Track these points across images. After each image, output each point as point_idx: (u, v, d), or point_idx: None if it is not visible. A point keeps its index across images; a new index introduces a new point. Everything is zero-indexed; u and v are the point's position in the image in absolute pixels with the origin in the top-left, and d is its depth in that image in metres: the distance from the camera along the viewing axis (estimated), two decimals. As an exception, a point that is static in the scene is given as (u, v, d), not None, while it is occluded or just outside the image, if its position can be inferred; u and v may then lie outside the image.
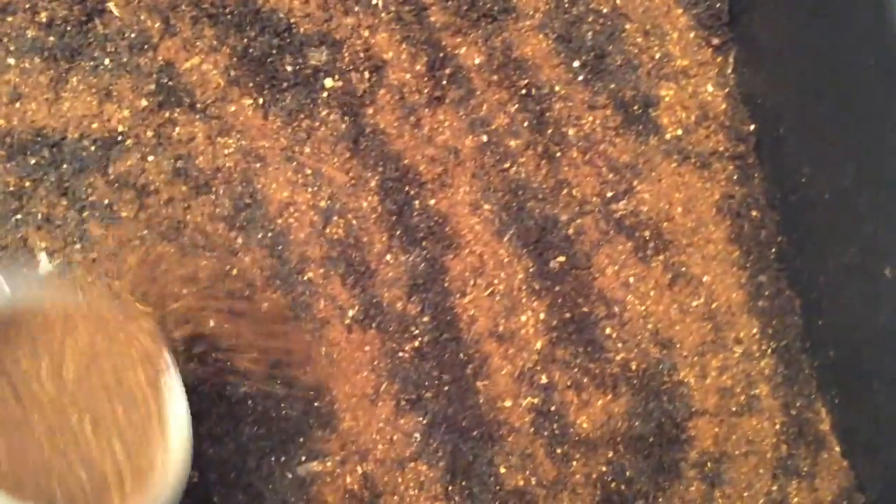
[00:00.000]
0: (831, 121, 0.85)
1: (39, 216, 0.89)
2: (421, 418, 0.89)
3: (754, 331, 0.94)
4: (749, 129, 0.97)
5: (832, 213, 0.86)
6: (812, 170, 0.88)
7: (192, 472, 0.85)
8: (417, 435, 0.89)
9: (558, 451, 0.90)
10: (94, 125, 0.91)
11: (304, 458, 0.87)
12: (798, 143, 0.91)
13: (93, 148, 0.90)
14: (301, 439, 0.88)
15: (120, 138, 0.91)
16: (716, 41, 0.98)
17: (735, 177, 0.96)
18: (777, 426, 0.92)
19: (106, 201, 0.90)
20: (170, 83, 0.92)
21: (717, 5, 0.98)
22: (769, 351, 0.94)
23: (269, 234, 0.91)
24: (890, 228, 0.78)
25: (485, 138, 0.96)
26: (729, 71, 0.98)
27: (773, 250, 0.95)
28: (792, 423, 0.93)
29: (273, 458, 0.87)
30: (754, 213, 0.96)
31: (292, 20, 0.95)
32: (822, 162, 0.87)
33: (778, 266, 0.95)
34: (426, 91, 0.96)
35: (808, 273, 0.92)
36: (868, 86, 0.79)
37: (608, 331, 0.93)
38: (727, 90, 0.98)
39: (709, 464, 0.91)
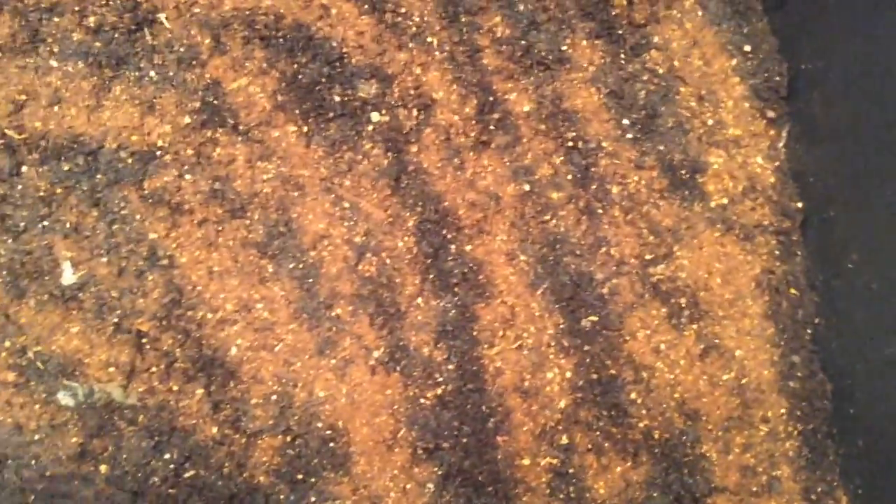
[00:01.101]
0: (887, 209, 0.83)
1: (68, 224, 0.86)
2: (436, 469, 0.87)
3: (782, 411, 0.92)
4: (797, 206, 0.95)
5: (878, 303, 0.85)
6: (861, 256, 0.86)
7: (201, 506, 0.83)
8: (431, 486, 0.87)
9: (573, 515, 0.88)
10: (134, 137, 0.89)
11: (313, 500, 0.85)
12: (848, 228, 0.89)
13: (130, 160, 0.88)
14: (312, 479, 0.85)
15: (159, 153, 0.89)
16: (771, 114, 0.96)
17: (777, 252, 0.95)
18: (797, 511, 0.91)
19: (138, 216, 0.87)
20: (215, 102, 0.90)
21: (777, 78, 0.96)
22: (795, 433, 0.92)
23: (301, 266, 0.89)
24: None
25: (527, 187, 0.94)
26: (781, 145, 0.97)
27: (809, 331, 0.94)
28: (812, 509, 0.91)
29: (282, 497, 0.85)
30: (793, 291, 0.94)
31: (345, 50, 0.93)
32: (874, 250, 0.85)
33: (812, 348, 0.93)
34: (472, 134, 0.94)
35: (844, 360, 0.91)
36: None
37: (634, 396, 0.91)
38: (777, 164, 0.96)
39: (725, 544, 0.89)
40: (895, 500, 0.86)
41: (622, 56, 0.97)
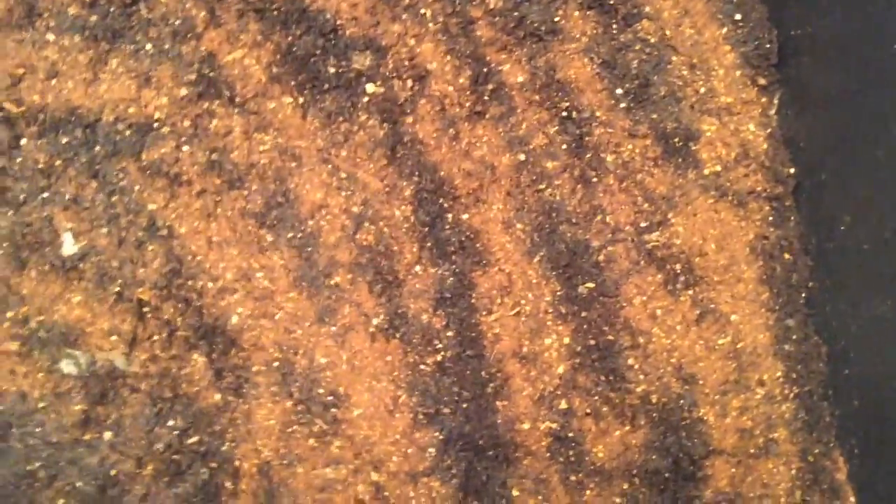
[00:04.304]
0: (877, 171, 0.84)
1: (67, 196, 0.87)
2: (437, 433, 0.88)
3: (778, 374, 0.93)
4: (789, 171, 0.96)
5: (870, 263, 0.86)
6: (853, 218, 0.88)
7: (203, 471, 0.84)
8: (432, 450, 0.88)
9: (573, 478, 0.89)
10: (131, 110, 0.89)
11: (317, 465, 0.86)
12: (839, 191, 0.90)
13: (127, 132, 0.89)
14: (314, 444, 0.86)
15: (156, 125, 0.89)
16: (762, 81, 0.97)
17: (771, 218, 0.96)
18: (793, 471, 0.92)
19: (137, 187, 0.88)
20: (211, 74, 0.91)
21: (767, 46, 0.97)
22: (791, 395, 0.93)
23: (299, 235, 0.89)
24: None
25: (522, 157, 0.95)
26: (772, 112, 0.98)
27: (804, 295, 0.95)
28: (808, 469, 0.92)
29: (284, 462, 0.86)
30: (787, 255, 0.95)
31: (339, 22, 0.94)
32: (864, 211, 0.86)
33: (807, 311, 0.94)
34: (467, 105, 0.95)
35: (838, 321, 0.92)
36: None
37: (631, 361, 0.92)
38: (769, 131, 0.97)
39: (723, 504, 0.90)
40: (891, 459, 0.87)
41: (614, 26, 0.98)
